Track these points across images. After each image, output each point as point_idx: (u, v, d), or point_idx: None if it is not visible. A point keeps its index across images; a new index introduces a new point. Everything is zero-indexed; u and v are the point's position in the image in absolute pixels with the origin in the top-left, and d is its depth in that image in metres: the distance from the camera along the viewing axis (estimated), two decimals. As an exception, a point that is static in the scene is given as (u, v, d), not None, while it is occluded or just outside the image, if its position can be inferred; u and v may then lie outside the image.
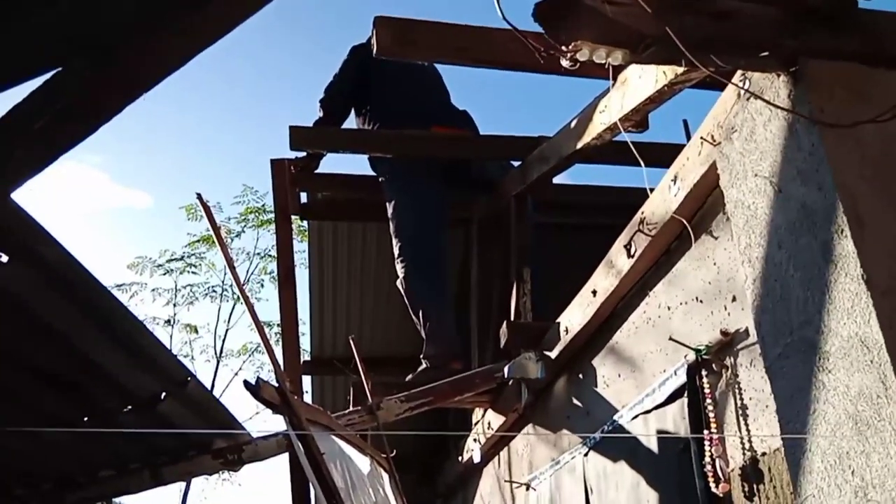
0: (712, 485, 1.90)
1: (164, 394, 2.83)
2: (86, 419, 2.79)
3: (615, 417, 2.60)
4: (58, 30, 1.27)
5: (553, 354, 3.11)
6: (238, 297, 12.38)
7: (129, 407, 2.83)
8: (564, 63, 1.58)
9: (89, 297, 2.16)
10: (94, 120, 1.41)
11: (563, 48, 1.56)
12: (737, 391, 1.95)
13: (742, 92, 1.80)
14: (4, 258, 1.83)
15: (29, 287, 1.98)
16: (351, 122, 4.39)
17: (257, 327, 2.15)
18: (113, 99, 1.39)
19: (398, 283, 4.02)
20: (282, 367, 2.84)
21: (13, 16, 1.18)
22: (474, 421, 4.17)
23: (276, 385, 1.97)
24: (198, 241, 12.49)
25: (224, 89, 19.50)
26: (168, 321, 12.84)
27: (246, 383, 1.90)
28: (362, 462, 2.80)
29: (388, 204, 4.12)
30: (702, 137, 2.00)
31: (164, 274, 12.79)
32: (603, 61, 1.60)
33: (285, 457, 2.94)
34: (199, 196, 2.02)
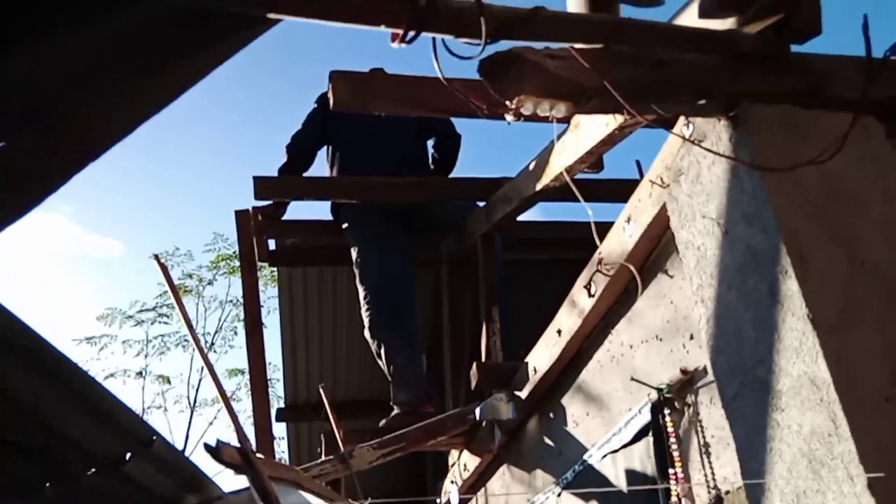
0: (680, 525, 1.90)
1: (128, 454, 2.77)
2: (48, 485, 2.71)
3: (585, 457, 2.60)
4: (2, 101, 1.26)
5: (523, 394, 3.11)
6: (209, 346, 12.22)
7: (93, 470, 2.77)
8: (508, 117, 1.61)
9: (43, 360, 2.12)
10: (41, 190, 1.40)
11: (508, 103, 1.59)
12: (699, 429, 1.96)
13: (684, 139, 1.84)
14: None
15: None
16: (322, 170, 4.43)
17: (217, 388, 2.13)
18: (64, 165, 1.38)
19: (365, 332, 4.01)
20: (250, 417, 2.81)
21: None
22: (451, 462, 4.14)
23: (238, 445, 1.94)
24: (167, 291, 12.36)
25: (196, 134, 19.50)
26: (140, 373, 12.65)
27: (206, 446, 1.87)
28: (334, 515, 2.76)
29: (351, 251, 4.13)
30: (651, 180, 2.04)
31: (135, 325, 12.62)
32: (546, 114, 1.63)
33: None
34: (157, 257, 2.01)
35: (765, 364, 1.57)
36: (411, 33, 1.31)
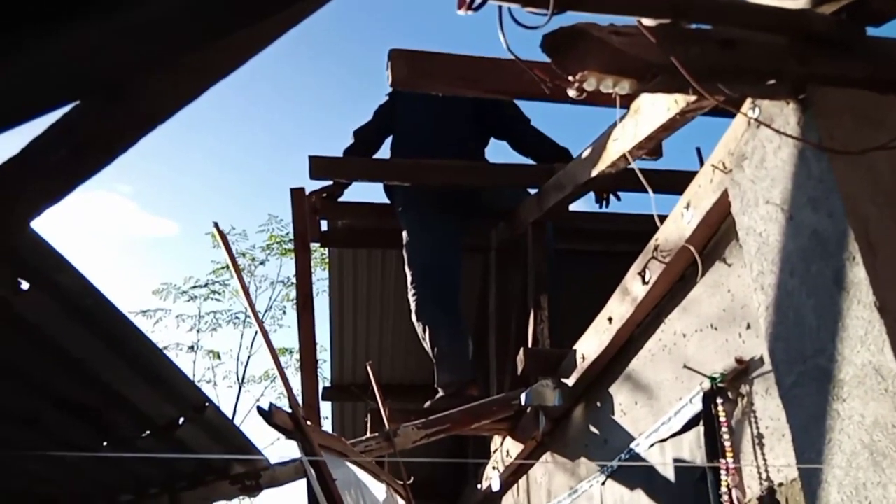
0: (729, 515, 1.87)
1: (181, 419, 2.85)
2: (105, 444, 2.81)
3: (632, 445, 2.57)
4: (73, 67, 1.30)
5: (570, 382, 3.10)
6: (260, 324, 12.42)
7: (148, 432, 2.86)
8: (571, 93, 1.60)
9: (108, 324, 2.19)
10: (108, 153, 1.44)
11: (571, 78, 1.58)
12: (753, 420, 1.92)
13: (751, 120, 1.80)
14: (25, 285, 1.87)
15: (48, 314, 2.01)
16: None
17: (272, 354, 2.17)
18: (127, 132, 1.43)
19: (412, 315, 4.04)
20: (300, 393, 2.86)
21: (30, 53, 1.22)
22: (493, 448, 4.14)
23: (290, 411, 1.98)
24: (222, 268, 12.62)
25: (253, 115, 19.78)
26: (191, 347, 12.95)
27: (259, 409, 1.91)
28: (378, 489, 2.79)
29: (403, 234, 4.17)
30: (713, 165, 2.00)
31: (189, 300, 12.93)
32: (610, 91, 1.61)
33: (304, 482, 2.95)
34: (216, 225, 2.06)
35: (826, 352, 1.53)
36: (478, 0, 1.31)
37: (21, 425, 2.52)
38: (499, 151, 4.51)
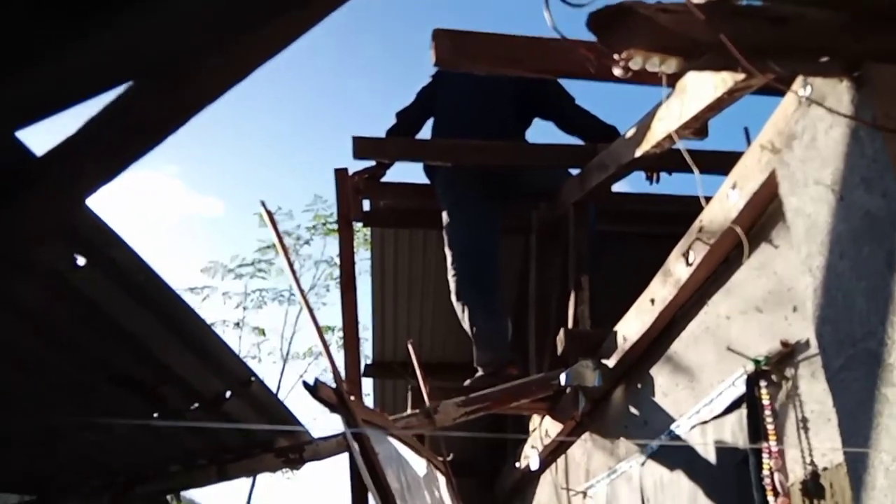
0: (771, 499, 1.86)
1: (228, 393, 2.93)
2: (156, 416, 2.91)
3: (672, 427, 2.56)
4: (127, 50, 1.34)
5: (611, 363, 3.09)
6: (303, 301, 12.62)
7: (196, 405, 2.95)
8: (617, 72, 1.58)
9: (159, 299, 2.26)
10: (160, 134, 1.48)
11: (616, 57, 1.56)
12: (797, 403, 1.90)
13: (802, 98, 1.76)
14: (81, 261, 1.94)
15: (102, 289, 2.08)
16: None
17: (317, 330, 2.21)
18: (178, 114, 1.46)
19: (451, 295, 4.07)
20: (342, 369, 2.91)
21: (87, 36, 1.25)
22: (532, 427, 4.16)
23: (334, 386, 2.02)
24: (267, 247, 12.83)
25: (298, 96, 19.93)
26: (237, 324, 13.23)
27: (305, 383, 1.96)
28: (418, 464, 2.84)
29: (442, 214, 4.18)
30: (761, 144, 1.97)
31: (235, 278, 13.19)
32: (656, 69, 1.59)
33: (345, 457, 3.01)
34: (264, 204, 2.10)
35: (876, 336, 1.50)
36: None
37: (78, 396, 2.62)
38: (542, 133, 4.49)
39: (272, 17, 1.40)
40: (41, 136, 1.51)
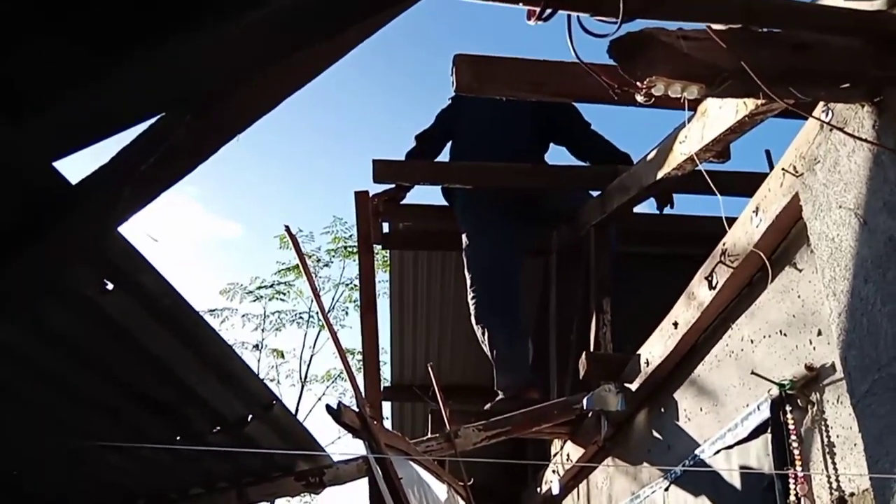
0: (798, 525, 1.84)
1: (250, 416, 2.95)
2: (178, 439, 2.93)
3: (697, 452, 2.54)
4: (160, 81, 1.38)
5: (633, 387, 3.07)
6: (323, 324, 12.67)
7: (218, 428, 2.97)
8: (640, 98, 1.60)
9: (185, 323, 2.29)
10: (193, 161, 1.52)
11: (638, 84, 1.58)
12: (823, 428, 1.89)
13: (824, 124, 1.77)
14: (110, 286, 1.97)
15: (130, 313, 2.12)
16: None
17: (339, 353, 2.23)
18: (210, 142, 1.50)
19: (471, 318, 4.07)
20: (363, 393, 2.92)
21: (122, 68, 1.29)
22: (553, 452, 4.13)
23: (357, 410, 2.03)
24: (287, 269, 12.90)
25: (318, 119, 20.14)
26: (256, 346, 13.27)
27: (328, 407, 1.97)
28: (439, 489, 2.83)
29: (462, 237, 4.19)
30: (783, 168, 1.97)
31: (254, 300, 13.25)
32: (678, 96, 1.61)
33: (365, 481, 3.01)
34: (288, 228, 2.13)
35: (902, 361, 1.49)
36: (548, 10, 1.33)
37: (103, 417, 2.66)
38: (561, 155, 4.48)
39: (299, 49, 1.44)
40: (76, 164, 1.55)
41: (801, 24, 1.62)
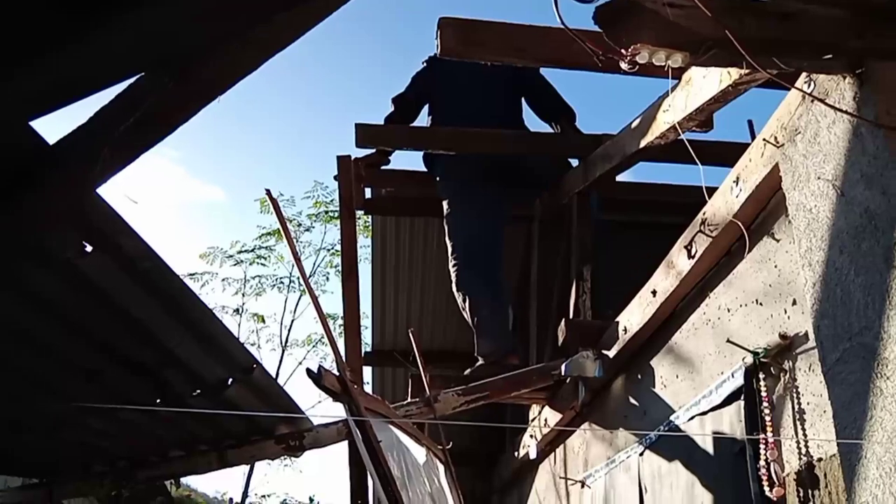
0: (767, 488, 1.88)
1: (230, 380, 2.96)
2: (158, 401, 2.94)
3: (671, 418, 2.59)
4: (140, 43, 1.36)
5: (611, 353, 3.12)
6: (304, 289, 12.65)
7: (199, 391, 2.97)
8: (623, 66, 1.60)
9: (165, 286, 2.28)
10: (171, 124, 1.51)
11: (623, 51, 1.58)
12: (794, 395, 1.93)
13: (806, 95, 1.77)
14: (89, 248, 1.96)
15: (110, 276, 2.11)
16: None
17: (320, 318, 2.24)
18: (188, 105, 1.48)
19: (452, 285, 4.09)
20: (343, 357, 2.93)
21: (101, 29, 1.27)
22: (531, 417, 4.20)
23: (337, 374, 2.05)
24: (268, 233, 12.81)
25: (299, 85, 19.90)
26: (237, 310, 13.22)
27: (308, 371, 1.98)
28: (418, 452, 2.87)
29: (442, 203, 4.19)
30: (764, 139, 1.98)
31: (235, 265, 13.16)
32: (662, 64, 1.61)
33: (345, 444, 3.04)
34: (269, 192, 2.12)
35: (872, 330, 1.53)
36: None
37: (84, 380, 2.65)
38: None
39: (278, 12, 1.42)
40: (53, 125, 1.53)
41: (787, -6, 1.61)
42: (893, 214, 1.50)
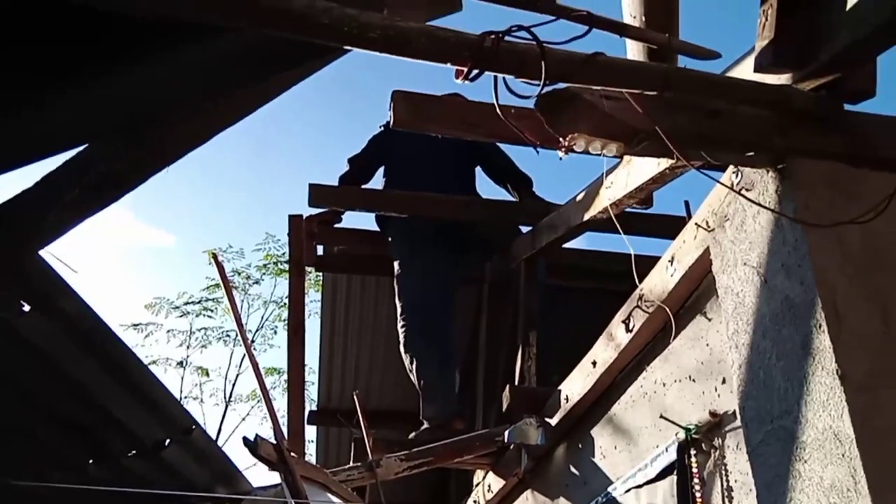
0: (696, 565, 1.92)
1: (168, 441, 2.90)
2: (91, 462, 2.86)
3: (609, 489, 2.62)
4: (97, 110, 1.39)
5: (553, 421, 3.15)
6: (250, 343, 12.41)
7: (134, 452, 2.90)
8: (560, 153, 1.68)
9: (104, 346, 2.25)
10: (120, 190, 1.53)
11: (560, 139, 1.66)
12: (723, 473, 1.98)
13: (731, 188, 1.88)
14: (26, 307, 1.94)
15: (47, 335, 2.08)
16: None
17: (261, 389, 2.23)
18: (139, 172, 1.51)
19: (400, 346, 4.10)
20: (286, 418, 2.91)
21: (61, 97, 1.30)
22: (475, 482, 4.17)
23: (274, 443, 2.04)
24: (215, 285, 12.62)
25: (253, 135, 19.95)
26: (181, 363, 12.92)
27: (245, 440, 1.97)
28: (358, 520, 2.83)
29: (394, 264, 4.23)
30: (697, 223, 2.08)
31: (181, 316, 12.91)
32: (598, 152, 1.69)
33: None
34: (215, 255, 2.13)
35: (791, 414, 1.60)
36: (475, 71, 1.39)
37: (16, 439, 2.57)
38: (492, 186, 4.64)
39: (237, 87, 1.47)
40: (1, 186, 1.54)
41: (712, 94, 1.73)
42: (809, 304, 1.60)
